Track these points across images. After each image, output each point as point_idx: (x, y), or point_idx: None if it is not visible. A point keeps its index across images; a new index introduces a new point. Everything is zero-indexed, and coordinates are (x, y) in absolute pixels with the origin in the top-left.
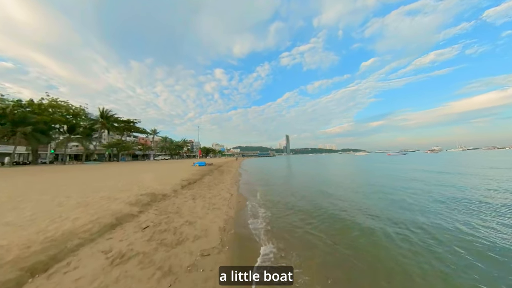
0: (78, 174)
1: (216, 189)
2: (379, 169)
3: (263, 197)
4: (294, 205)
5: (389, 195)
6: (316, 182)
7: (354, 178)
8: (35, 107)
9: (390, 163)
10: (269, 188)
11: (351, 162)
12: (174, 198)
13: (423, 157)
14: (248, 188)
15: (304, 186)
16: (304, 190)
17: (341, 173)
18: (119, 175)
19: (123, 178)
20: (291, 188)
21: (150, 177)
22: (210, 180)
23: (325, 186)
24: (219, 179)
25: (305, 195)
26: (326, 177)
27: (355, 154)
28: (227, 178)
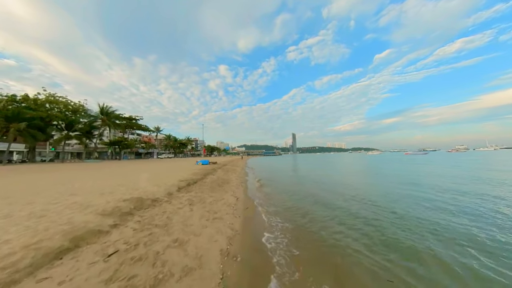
0: (66, 174)
1: (219, 191)
2: (408, 173)
3: (275, 201)
4: (317, 214)
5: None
6: (330, 184)
7: (380, 182)
8: (30, 103)
9: (415, 165)
10: (280, 189)
11: (366, 162)
12: (166, 204)
13: (449, 157)
14: (256, 190)
15: (319, 189)
16: (320, 195)
17: (360, 175)
18: (112, 175)
19: (115, 177)
20: (305, 190)
21: (145, 177)
22: (213, 181)
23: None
24: (223, 179)
25: (324, 200)
26: (336, 177)
27: (368, 153)
28: (232, 177)
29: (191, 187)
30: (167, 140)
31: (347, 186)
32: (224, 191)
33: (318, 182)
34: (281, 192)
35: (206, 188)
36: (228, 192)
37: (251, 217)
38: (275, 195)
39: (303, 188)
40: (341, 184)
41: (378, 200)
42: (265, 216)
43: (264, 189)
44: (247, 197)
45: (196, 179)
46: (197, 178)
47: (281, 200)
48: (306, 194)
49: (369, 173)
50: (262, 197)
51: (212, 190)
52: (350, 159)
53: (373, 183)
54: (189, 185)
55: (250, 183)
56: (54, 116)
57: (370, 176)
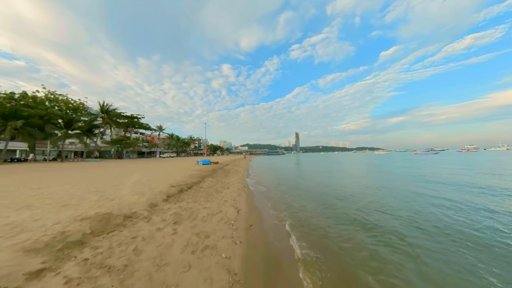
0: (47, 174)
1: (216, 199)
2: (427, 177)
3: (288, 213)
4: (349, 233)
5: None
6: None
7: (399, 184)
8: (28, 100)
9: (428, 166)
10: (292, 194)
11: (374, 162)
12: (143, 222)
13: (462, 157)
14: (262, 196)
15: (335, 193)
16: (338, 200)
17: (372, 178)
18: (96, 176)
19: (97, 180)
20: (318, 193)
21: (134, 180)
22: (211, 185)
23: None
24: (223, 183)
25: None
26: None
27: (374, 152)
28: (234, 180)
29: (183, 194)
30: (170, 139)
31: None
32: (223, 199)
33: (329, 186)
34: (294, 198)
35: (202, 196)
36: (228, 201)
37: (256, 240)
38: (286, 203)
39: (320, 193)
40: (369, 190)
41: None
42: (278, 238)
43: (272, 194)
44: (251, 207)
45: (191, 183)
46: (193, 182)
47: (295, 209)
48: (321, 202)
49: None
50: (271, 207)
51: (208, 198)
52: (358, 159)
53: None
54: (181, 191)
55: (254, 188)
56: (53, 114)
57: (409, 187)
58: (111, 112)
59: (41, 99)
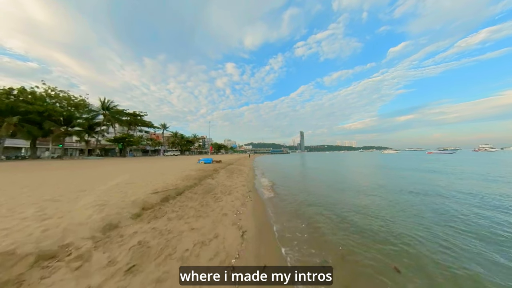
0: (19, 176)
1: (213, 212)
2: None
3: (311, 236)
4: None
5: None
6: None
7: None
8: (26, 96)
9: (463, 170)
10: (307, 200)
11: (389, 164)
12: (63, 271)
13: (484, 157)
14: (274, 205)
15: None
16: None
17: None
18: (78, 177)
19: (74, 181)
20: (338, 203)
21: (112, 183)
22: (208, 189)
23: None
24: (225, 186)
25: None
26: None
27: (383, 152)
28: (237, 182)
29: (167, 204)
30: (174, 138)
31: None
32: (222, 212)
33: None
34: (314, 209)
35: (193, 207)
36: (228, 215)
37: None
38: (306, 217)
39: (344, 202)
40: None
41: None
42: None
43: (287, 204)
44: (261, 225)
45: (183, 188)
46: (186, 186)
47: (319, 226)
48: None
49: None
50: (290, 226)
51: (201, 210)
52: (368, 159)
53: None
54: (165, 200)
55: (261, 192)
56: (52, 111)
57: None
58: (112, 109)
59: (41, 95)
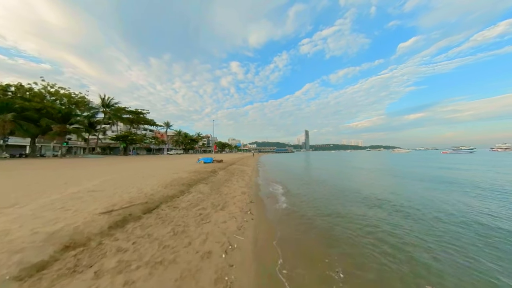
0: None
1: (187, 252)
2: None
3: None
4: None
5: None
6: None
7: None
8: (24, 93)
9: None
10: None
11: (403, 165)
12: None
13: (508, 158)
14: (292, 234)
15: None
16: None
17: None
18: (44, 179)
19: (29, 187)
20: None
21: (77, 189)
22: (195, 200)
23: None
24: (219, 195)
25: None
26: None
27: (392, 151)
28: (237, 188)
29: (119, 233)
30: (178, 136)
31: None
32: (204, 248)
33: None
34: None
35: (159, 236)
36: (213, 255)
37: None
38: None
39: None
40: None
41: None
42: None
43: (308, 228)
44: (267, 280)
45: (160, 198)
46: (167, 195)
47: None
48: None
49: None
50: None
51: (169, 244)
52: (379, 159)
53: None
54: (121, 224)
55: (267, 204)
56: (50, 108)
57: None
58: (113, 106)
59: (40, 92)
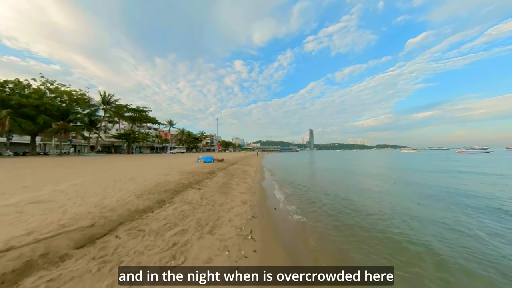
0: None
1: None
2: None
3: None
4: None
5: None
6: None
7: None
8: (21, 89)
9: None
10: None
11: (426, 166)
12: None
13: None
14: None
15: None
16: None
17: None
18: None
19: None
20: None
21: (17, 200)
22: (175, 218)
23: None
24: (211, 206)
25: None
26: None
27: (402, 150)
28: (236, 195)
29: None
30: (181, 135)
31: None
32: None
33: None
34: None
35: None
36: None
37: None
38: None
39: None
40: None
41: None
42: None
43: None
44: None
45: (121, 216)
46: (135, 210)
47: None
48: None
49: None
50: None
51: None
52: (389, 159)
53: None
54: (15, 277)
55: (277, 222)
56: (48, 105)
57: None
58: (113, 103)
59: (38, 89)
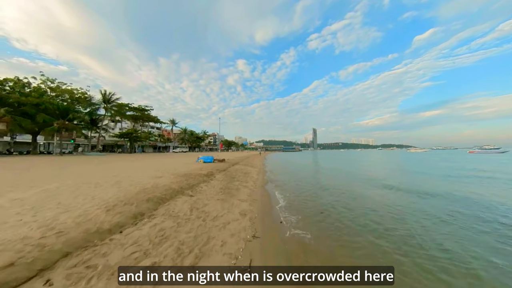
0: None
1: None
2: None
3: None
4: None
5: None
6: None
7: None
8: (21, 87)
9: None
10: None
11: (441, 166)
12: None
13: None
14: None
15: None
16: None
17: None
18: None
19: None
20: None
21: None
22: (155, 236)
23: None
24: (202, 215)
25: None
26: None
27: (409, 150)
28: (234, 204)
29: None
30: (183, 134)
31: None
32: None
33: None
34: None
35: None
36: None
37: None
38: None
39: None
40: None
41: None
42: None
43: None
44: None
45: (71, 242)
46: (100, 229)
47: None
48: None
49: None
50: None
51: None
52: (398, 160)
53: None
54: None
55: (285, 236)
56: (48, 103)
57: None
58: (114, 102)
59: (38, 87)
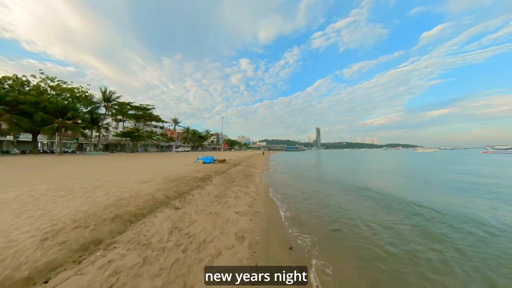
0: None
1: None
2: None
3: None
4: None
5: None
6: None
7: None
8: (20, 85)
9: None
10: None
11: (457, 169)
12: None
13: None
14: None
15: None
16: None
17: None
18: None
19: None
20: None
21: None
22: (101, 285)
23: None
24: (184, 238)
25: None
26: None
27: (417, 150)
28: (230, 219)
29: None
30: (186, 133)
31: None
32: None
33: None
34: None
35: None
36: None
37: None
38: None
39: None
40: None
41: None
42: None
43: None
44: None
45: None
46: (17, 276)
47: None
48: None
49: None
50: None
51: None
52: (408, 160)
53: None
54: None
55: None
56: (47, 102)
57: None
58: (114, 100)
59: (37, 85)
